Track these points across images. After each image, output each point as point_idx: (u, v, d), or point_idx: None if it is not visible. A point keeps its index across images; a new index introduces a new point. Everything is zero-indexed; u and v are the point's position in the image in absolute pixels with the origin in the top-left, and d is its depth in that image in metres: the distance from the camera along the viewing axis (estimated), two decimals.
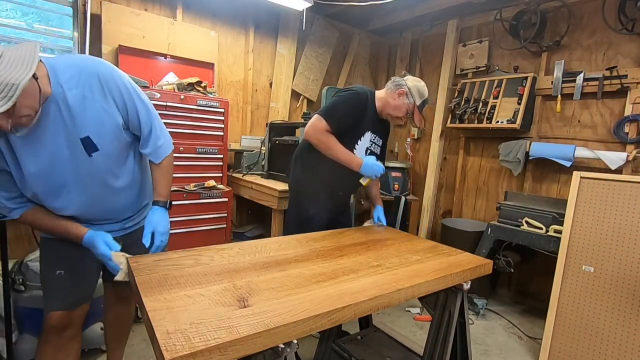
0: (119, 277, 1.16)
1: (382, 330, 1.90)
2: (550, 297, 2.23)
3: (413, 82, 1.86)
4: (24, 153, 1.10)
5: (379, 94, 1.93)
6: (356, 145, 1.89)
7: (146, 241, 1.29)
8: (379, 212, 1.99)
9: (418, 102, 1.85)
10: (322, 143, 1.77)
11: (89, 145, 1.18)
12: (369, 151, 1.94)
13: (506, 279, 3.26)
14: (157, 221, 1.33)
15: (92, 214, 1.32)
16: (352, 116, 1.81)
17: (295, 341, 0.87)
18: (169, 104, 2.42)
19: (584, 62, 2.82)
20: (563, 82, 2.83)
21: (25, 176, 1.13)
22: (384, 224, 1.95)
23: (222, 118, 2.70)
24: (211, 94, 2.73)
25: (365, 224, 1.96)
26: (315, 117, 1.79)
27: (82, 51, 2.55)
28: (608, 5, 2.57)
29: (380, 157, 2.03)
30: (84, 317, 1.41)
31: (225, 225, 2.68)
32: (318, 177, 1.92)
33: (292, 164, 2.07)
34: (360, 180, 1.83)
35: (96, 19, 2.58)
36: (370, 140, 1.94)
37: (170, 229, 2.48)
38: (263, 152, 3.11)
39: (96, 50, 2.57)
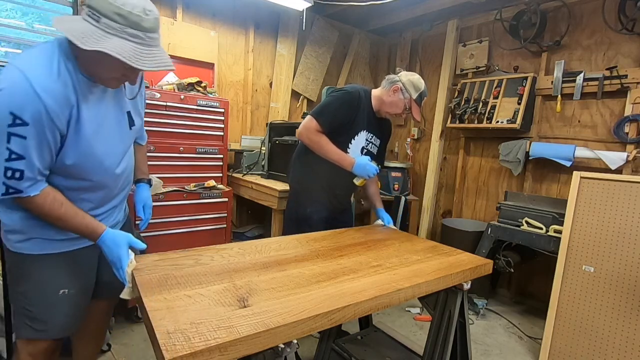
0: (125, 294, 1.04)
1: (382, 330, 1.90)
2: (550, 297, 2.23)
3: (407, 77, 1.83)
4: (86, 114, 1.06)
5: (375, 92, 1.92)
6: (350, 144, 1.87)
7: (141, 214, 1.46)
8: (382, 214, 1.95)
9: (414, 96, 1.82)
10: (314, 143, 1.79)
11: (130, 119, 1.25)
12: (365, 150, 1.93)
13: (506, 279, 3.25)
14: (146, 196, 1.48)
15: (108, 201, 1.26)
16: (344, 116, 1.81)
17: (295, 341, 0.87)
18: (169, 104, 2.42)
19: (584, 62, 2.82)
20: (563, 82, 2.83)
21: (81, 139, 1.06)
22: (391, 223, 1.91)
23: (222, 118, 2.70)
24: (211, 94, 2.73)
25: (376, 223, 1.94)
26: (307, 118, 1.81)
27: None
28: (608, 5, 2.57)
29: (378, 157, 2.01)
30: None
31: (225, 225, 2.68)
32: (316, 176, 1.92)
33: (292, 164, 2.07)
34: (354, 180, 1.80)
35: None
36: (367, 140, 1.92)
37: (171, 229, 2.50)
38: (263, 152, 3.11)
39: None
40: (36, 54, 0.99)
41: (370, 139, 1.94)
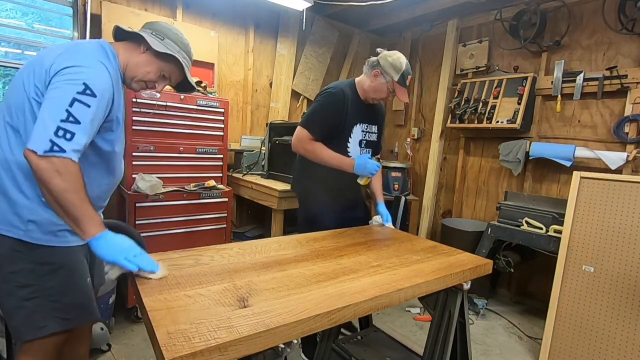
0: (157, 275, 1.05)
1: (382, 330, 1.90)
2: (550, 297, 2.23)
3: (385, 59, 1.76)
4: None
5: (359, 80, 1.88)
6: (348, 143, 1.87)
7: None
8: (381, 209, 1.89)
9: (396, 78, 1.74)
10: (309, 152, 1.79)
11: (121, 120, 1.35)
12: (364, 142, 1.92)
13: (506, 279, 3.26)
14: None
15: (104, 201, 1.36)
16: (332, 118, 1.79)
17: (295, 341, 0.87)
18: (169, 104, 2.42)
19: (584, 62, 2.82)
20: (563, 82, 2.83)
21: (119, 128, 1.27)
22: (389, 221, 1.85)
23: (222, 118, 2.70)
24: (211, 94, 2.73)
25: (371, 223, 1.89)
26: (298, 129, 1.81)
27: None
28: (608, 5, 2.57)
29: (377, 145, 1.99)
30: None
31: (225, 225, 2.68)
32: (319, 178, 1.90)
33: (294, 169, 2.08)
34: (357, 180, 1.79)
35: (96, 19, 2.58)
36: (362, 131, 1.90)
37: (171, 229, 2.49)
38: (263, 152, 3.11)
39: None
40: (95, 47, 1.17)
41: (366, 129, 1.92)
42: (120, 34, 1.31)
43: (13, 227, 1.11)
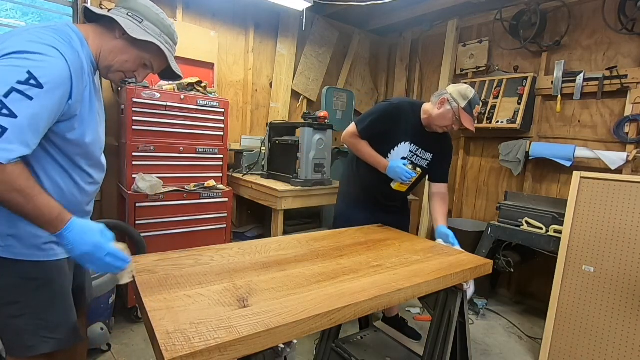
0: (124, 278, 1.00)
1: (382, 330, 1.90)
2: (550, 297, 2.23)
3: (454, 88, 1.84)
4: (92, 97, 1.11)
5: (425, 107, 1.94)
6: (390, 153, 1.95)
7: None
8: (442, 229, 1.77)
9: (463, 105, 1.79)
10: (352, 145, 2.00)
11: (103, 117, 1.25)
12: (409, 162, 1.95)
13: (506, 279, 3.26)
14: None
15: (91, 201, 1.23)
16: (382, 124, 1.91)
17: (295, 341, 0.87)
18: (169, 104, 2.42)
19: (584, 62, 2.82)
20: (563, 82, 2.83)
21: (93, 118, 1.11)
22: (454, 244, 1.69)
23: (222, 118, 2.70)
24: (211, 94, 2.73)
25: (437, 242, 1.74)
26: (351, 124, 2.00)
27: None
28: (608, 5, 2.57)
29: (436, 172, 2.03)
30: None
31: (225, 225, 2.68)
32: (358, 178, 2.07)
33: (344, 166, 2.31)
34: (391, 184, 1.91)
35: None
36: (410, 151, 1.95)
37: (171, 229, 2.49)
38: (263, 152, 3.11)
39: None
40: (56, 31, 0.99)
41: (416, 151, 1.96)
42: (91, 16, 1.12)
43: None
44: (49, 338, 1.09)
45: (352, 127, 1.98)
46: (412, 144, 1.95)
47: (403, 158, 1.95)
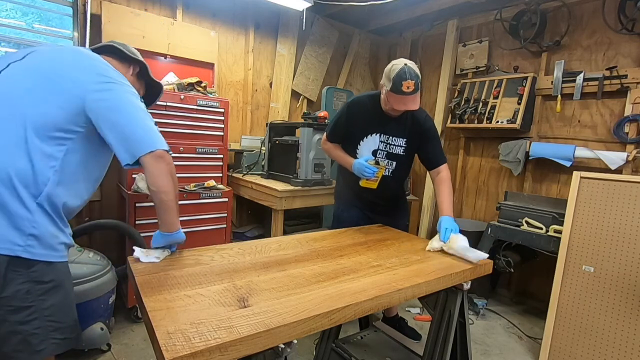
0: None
1: (382, 330, 1.90)
2: (550, 297, 2.23)
3: (386, 68, 1.75)
4: None
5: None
6: (357, 148, 1.96)
7: None
8: (445, 224, 1.58)
9: (389, 87, 1.69)
10: (325, 150, 2.12)
11: None
12: (384, 153, 1.93)
13: (506, 279, 3.25)
14: None
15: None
16: (345, 124, 1.96)
17: (295, 341, 0.87)
18: (169, 104, 2.42)
19: (584, 62, 2.82)
20: (563, 82, 2.83)
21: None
22: (453, 233, 1.53)
23: (222, 118, 2.69)
24: (211, 94, 2.73)
25: (431, 243, 1.55)
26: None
27: None
28: (608, 5, 2.57)
29: (403, 158, 1.94)
30: None
31: (225, 225, 2.68)
32: (345, 180, 2.10)
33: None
34: (359, 182, 1.87)
35: (96, 19, 2.58)
36: (381, 141, 1.92)
37: None
38: (263, 152, 3.11)
39: None
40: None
41: (386, 140, 1.92)
42: (110, 51, 1.32)
43: (12, 243, 1.03)
44: (59, 339, 1.11)
45: (324, 134, 2.09)
46: (381, 134, 1.91)
47: (374, 151, 1.93)
